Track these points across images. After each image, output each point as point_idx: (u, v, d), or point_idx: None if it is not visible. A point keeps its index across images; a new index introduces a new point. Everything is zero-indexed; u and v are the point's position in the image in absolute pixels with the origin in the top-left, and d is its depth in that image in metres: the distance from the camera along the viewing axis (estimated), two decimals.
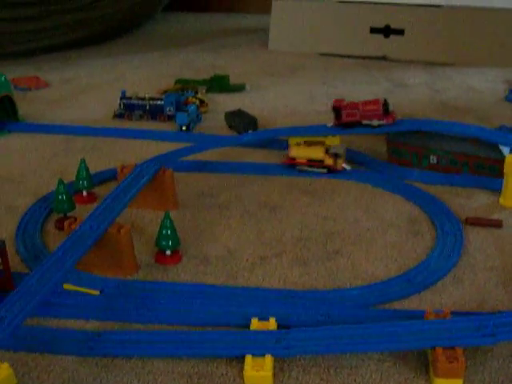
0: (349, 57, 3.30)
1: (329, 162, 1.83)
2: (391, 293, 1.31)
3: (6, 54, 3.28)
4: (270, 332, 1.16)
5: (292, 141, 1.89)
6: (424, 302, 1.29)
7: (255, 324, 1.18)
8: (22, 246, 1.49)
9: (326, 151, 1.84)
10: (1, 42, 3.26)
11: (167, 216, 1.40)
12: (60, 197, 1.55)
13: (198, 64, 3.22)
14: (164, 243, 1.41)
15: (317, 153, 1.83)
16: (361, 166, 1.92)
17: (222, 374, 1.11)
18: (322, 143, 1.86)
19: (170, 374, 1.11)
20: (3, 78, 2.27)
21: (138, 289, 1.32)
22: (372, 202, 1.72)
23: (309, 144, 1.86)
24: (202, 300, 1.29)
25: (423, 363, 1.12)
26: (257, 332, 1.16)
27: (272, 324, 1.18)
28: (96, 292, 1.30)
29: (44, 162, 2.00)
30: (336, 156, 1.83)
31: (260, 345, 1.13)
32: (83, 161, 1.70)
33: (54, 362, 1.14)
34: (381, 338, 1.13)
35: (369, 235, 1.55)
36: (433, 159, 1.85)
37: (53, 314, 1.26)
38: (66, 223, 1.39)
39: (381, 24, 3.30)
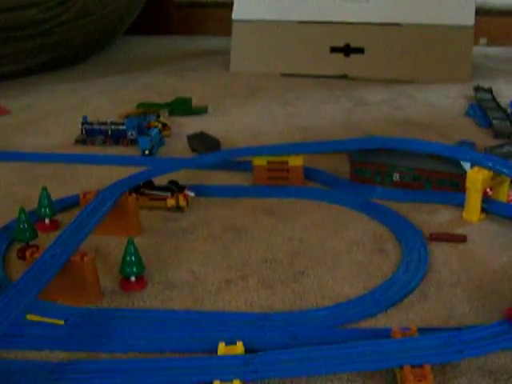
0: (310, 76, 3.32)
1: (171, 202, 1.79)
2: (358, 312, 1.31)
3: None
4: (238, 356, 1.14)
5: (256, 161, 1.89)
6: (391, 319, 1.29)
7: (222, 349, 1.17)
8: None
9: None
10: None
11: (130, 242, 1.39)
12: (21, 225, 1.52)
13: (160, 87, 3.21)
14: (128, 270, 1.39)
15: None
16: (324, 185, 1.93)
17: None
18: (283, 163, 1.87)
19: None
20: None
21: (103, 317, 1.30)
22: (337, 220, 1.72)
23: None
24: (168, 326, 1.27)
25: (392, 382, 1.11)
26: (224, 357, 1.15)
27: (239, 348, 1.17)
28: (60, 322, 1.28)
29: (4, 190, 1.97)
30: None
31: (228, 370, 1.11)
32: (45, 188, 1.67)
33: None
34: (349, 358, 1.12)
35: (334, 254, 1.55)
36: (396, 176, 1.86)
37: (15, 345, 1.23)
38: (27, 252, 1.37)
39: (341, 43, 3.33)
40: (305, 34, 3.40)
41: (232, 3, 3.53)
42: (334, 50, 3.36)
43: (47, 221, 1.68)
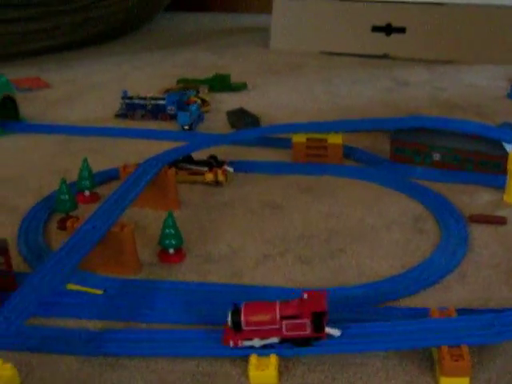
0: (350, 55, 3.29)
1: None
2: (396, 291, 1.30)
3: (7, 55, 3.28)
4: None
5: (295, 138, 1.89)
6: (429, 299, 1.28)
7: None
8: (24, 245, 1.48)
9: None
10: (1, 43, 3.26)
11: (170, 215, 1.40)
12: (62, 196, 1.54)
13: (199, 63, 3.21)
14: (167, 242, 1.40)
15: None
16: (363, 163, 1.91)
17: (226, 373, 1.10)
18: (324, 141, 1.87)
19: (174, 373, 1.11)
20: (4, 79, 2.26)
21: (141, 288, 1.32)
22: (375, 199, 1.71)
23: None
24: (206, 298, 1.28)
25: (429, 361, 1.11)
26: None
27: None
28: (99, 291, 1.29)
29: (45, 162, 2.00)
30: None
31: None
32: (85, 160, 1.69)
33: (58, 362, 1.13)
34: (386, 336, 1.12)
35: (373, 233, 1.54)
36: (436, 156, 1.84)
37: (55, 313, 1.25)
38: (68, 222, 1.39)
39: (382, 22, 3.29)
40: (346, 12, 3.36)
41: None
42: (375, 29, 3.32)
43: (87, 193, 1.70)
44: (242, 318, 1.07)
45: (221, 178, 1.76)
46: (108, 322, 1.24)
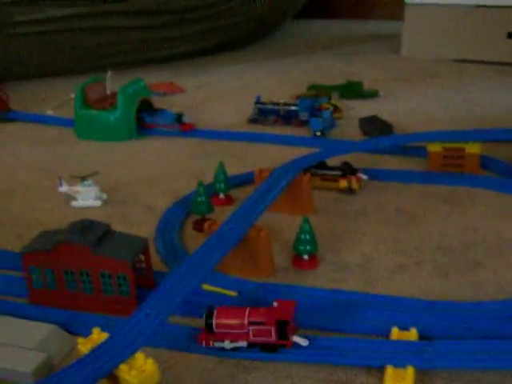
0: (485, 63, 3.19)
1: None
2: None
3: (144, 61, 3.40)
4: (412, 342, 1.12)
5: (431, 147, 1.85)
6: None
7: (396, 333, 1.15)
8: (161, 245, 1.52)
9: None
10: (137, 50, 3.38)
11: (306, 220, 1.39)
12: (199, 198, 1.57)
13: (329, 70, 3.21)
14: (302, 248, 1.40)
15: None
16: (502, 175, 1.85)
17: (361, 383, 1.09)
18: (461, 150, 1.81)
19: (308, 380, 1.10)
20: (142, 84, 2.34)
21: (275, 292, 1.32)
22: None
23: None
24: (339, 306, 1.27)
25: None
26: (398, 342, 1.13)
27: (413, 334, 1.14)
28: (234, 293, 1.30)
29: (181, 164, 2.05)
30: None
31: (402, 355, 1.09)
32: (222, 164, 1.72)
33: (194, 361, 1.15)
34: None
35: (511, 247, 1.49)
36: None
37: (191, 312, 1.28)
38: (206, 224, 1.41)
39: None
40: (480, 18, 3.26)
41: None
42: (511, 35, 3.21)
43: (222, 195, 1.73)
44: (214, 320, 1.14)
45: (355, 185, 1.74)
46: None
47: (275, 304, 1.15)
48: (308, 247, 1.40)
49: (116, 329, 1.09)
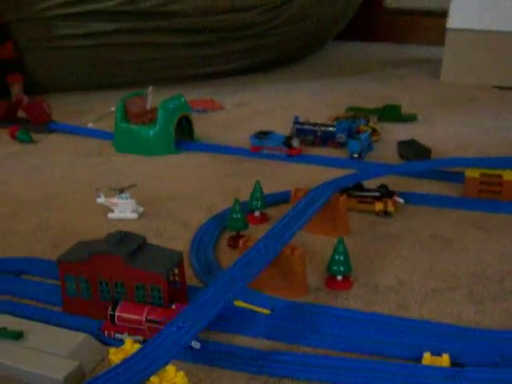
0: None
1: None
2: None
3: (185, 77, 3.43)
4: (444, 368, 1.11)
5: (469, 173, 1.84)
6: None
7: (428, 358, 1.14)
8: (195, 260, 1.53)
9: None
10: (179, 66, 3.42)
11: (341, 241, 1.39)
12: (235, 215, 1.58)
13: (367, 93, 3.20)
14: (335, 268, 1.40)
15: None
16: None
17: None
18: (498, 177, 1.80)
19: None
20: (183, 100, 2.37)
21: (308, 311, 1.32)
22: None
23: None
24: (371, 329, 1.27)
25: None
26: (430, 367, 1.12)
27: (445, 360, 1.13)
28: (267, 311, 1.31)
29: (217, 180, 2.06)
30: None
31: (433, 380, 1.09)
32: (258, 182, 1.72)
33: (224, 376, 1.16)
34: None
35: None
36: None
37: (222, 328, 1.28)
38: (241, 241, 1.42)
39: None
40: None
41: (444, 12, 3.45)
42: None
43: (257, 213, 1.74)
44: (116, 313, 1.23)
45: (390, 208, 1.74)
46: (273, 343, 1.25)
47: (173, 306, 1.23)
48: (342, 268, 1.40)
49: (148, 340, 1.10)
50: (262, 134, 2.31)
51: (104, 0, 3.13)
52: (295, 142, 2.25)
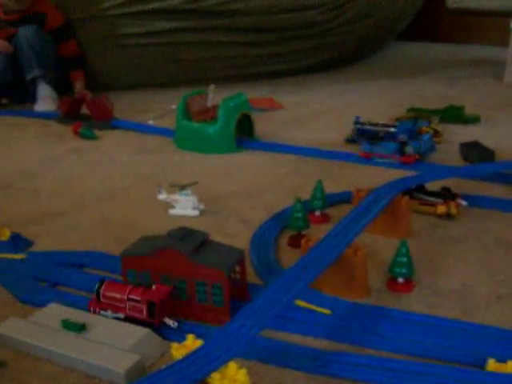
0: None
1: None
2: None
3: (244, 76, 3.44)
4: (509, 375, 1.09)
5: None
6: None
7: (492, 365, 1.12)
8: (255, 258, 1.53)
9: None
10: (240, 65, 3.43)
11: (404, 243, 1.38)
12: (296, 214, 1.57)
13: (429, 94, 3.17)
14: (398, 270, 1.38)
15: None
16: None
17: None
18: None
19: None
20: (243, 98, 2.38)
21: (369, 313, 1.30)
22: None
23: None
24: (434, 333, 1.25)
25: None
26: (494, 374, 1.10)
27: (510, 367, 1.11)
28: (327, 311, 1.30)
29: (278, 179, 2.06)
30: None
31: None
32: (320, 181, 1.72)
33: (284, 375, 1.15)
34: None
35: None
36: None
37: (283, 327, 1.28)
38: (303, 240, 1.41)
39: None
40: None
41: (508, 12, 3.39)
42: None
43: (318, 213, 1.73)
44: (101, 291, 1.30)
45: (453, 211, 1.71)
46: (333, 343, 1.24)
47: (154, 287, 1.28)
48: (404, 270, 1.38)
49: (210, 337, 1.11)
50: (374, 140, 2.26)
51: None
52: (409, 149, 2.17)
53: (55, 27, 3.24)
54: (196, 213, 1.80)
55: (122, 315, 1.29)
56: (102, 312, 1.30)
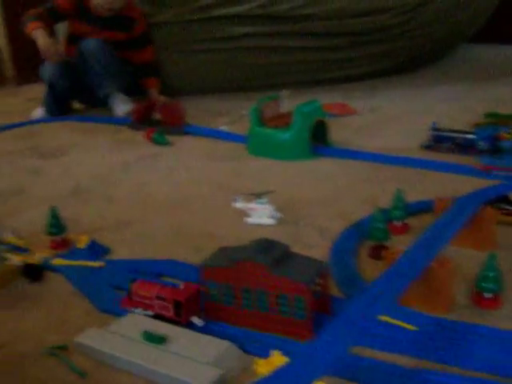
0: None
1: None
2: None
3: (315, 81, 3.42)
4: None
5: None
6: None
7: None
8: (336, 270, 1.50)
9: None
10: (312, 70, 3.41)
11: (492, 257, 1.32)
12: (377, 225, 1.54)
13: (506, 98, 3.08)
14: (485, 285, 1.33)
15: None
16: None
17: None
18: None
19: None
20: (318, 104, 2.35)
21: (456, 330, 1.26)
22: None
23: None
24: None
25: None
26: None
27: None
28: (413, 327, 1.26)
29: (354, 187, 2.03)
30: None
31: None
32: (400, 190, 1.68)
33: None
34: None
35: None
36: None
37: (367, 343, 1.24)
38: (386, 252, 1.38)
39: None
40: None
41: None
42: None
43: (398, 223, 1.69)
44: (133, 289, 1.34)
45: None
46: (418, 361, 1.20)
47: (181, 286, 1.32)
48: (492, 285, 1.33)
49: (296, 354, 1.08)
50: (497, 152, 2.18)
51: (239, 4, 3.16)
52: None
53: (140, 33, 3.26)
54: (272, 221, 1.78)
55: (151, 313, 1.33)
56: (133, 309, 1.35)
